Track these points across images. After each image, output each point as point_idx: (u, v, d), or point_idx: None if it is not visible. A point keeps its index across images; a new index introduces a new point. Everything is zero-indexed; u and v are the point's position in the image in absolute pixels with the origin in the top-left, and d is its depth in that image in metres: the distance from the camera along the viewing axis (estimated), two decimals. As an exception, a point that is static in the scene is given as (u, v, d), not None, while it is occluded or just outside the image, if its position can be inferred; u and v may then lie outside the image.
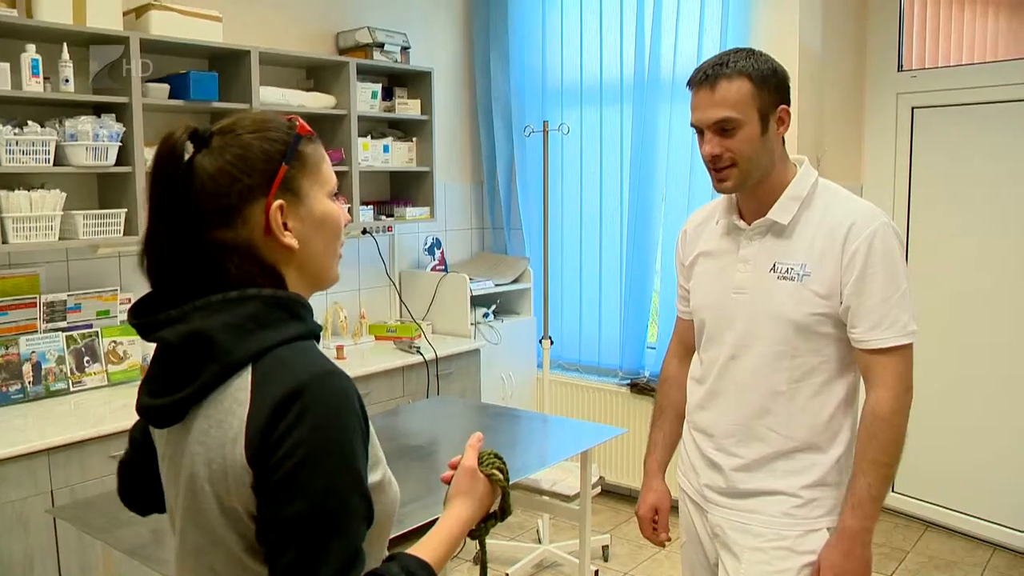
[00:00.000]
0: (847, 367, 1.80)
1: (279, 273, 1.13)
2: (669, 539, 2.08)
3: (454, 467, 1.34)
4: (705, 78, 1.75)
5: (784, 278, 1.78)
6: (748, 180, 1.78)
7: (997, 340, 3.90)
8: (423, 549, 1.18)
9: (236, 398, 1.04)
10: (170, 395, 1.08)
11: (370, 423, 1.11)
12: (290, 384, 1.02)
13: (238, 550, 1.06)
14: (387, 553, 1.20)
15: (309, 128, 1.15)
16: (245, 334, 1.05)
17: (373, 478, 1.10)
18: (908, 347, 1.73)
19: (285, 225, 1.11)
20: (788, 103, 1.79)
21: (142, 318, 1.11)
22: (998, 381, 3.92)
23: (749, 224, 1.84)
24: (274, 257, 1.12)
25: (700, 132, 1.80)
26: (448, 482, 1.33)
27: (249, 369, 1.05)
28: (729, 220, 1.89)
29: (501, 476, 1.32)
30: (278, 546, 1.00)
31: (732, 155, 1.75)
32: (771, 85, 1.74)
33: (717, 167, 1.78)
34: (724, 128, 1.74)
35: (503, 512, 1.35)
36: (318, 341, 1.16)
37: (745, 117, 1.73)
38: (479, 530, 1.33)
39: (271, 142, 1.11)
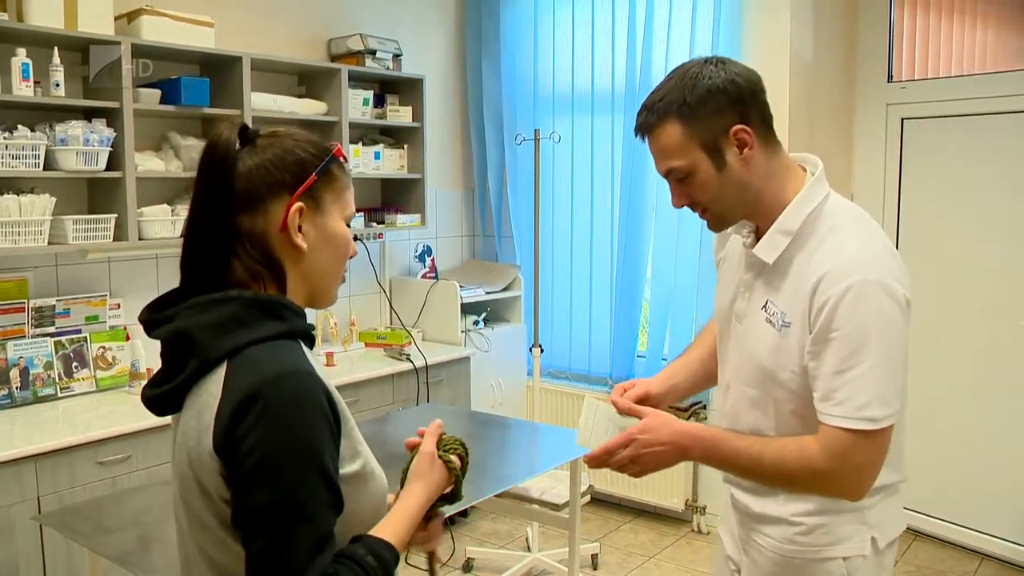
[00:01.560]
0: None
1: (283, 271, 1.23)
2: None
3: (410, 447, 1.39)
4: (637, 129, 1.57)
5: (769, 322, 1.55)
6: (731, 218, 1.59)
7: (986, 349, 3.92)
8: (384, 530, 1.23)
9: (211, 392, 1.14)
10: (161, 386, 1.20)
11: (344, 418, 1.18)
12: (253, 382, 1.10)
13: (220, 531, 1.14)
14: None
15: (345, 156, 1.28)
16: (223, 332, 1.15)
17: (351, 468, 1.19)
18: (860, 435, 1.42)
19: (300, 228, 1.22)
20: (748, 118, 1.50)
21: (152, 315, 1.22)
22: (987, 391, 3.93)
23: (752, 250, 1.60)
24: (282, 255, 1.22)
25: None
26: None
27: (224, 365, 1.14)
28: (741, 236, 1.67)
29: (457, 462, 1.37)
30: (250, 534, 1.09)
31: (697, 202, 1.56)
32: (708, 111, 1.48)
33: (695, 213, 1.60)
34: (678, 178, 1.54)
35: (453, 495, 1.39)
36: (309, 340, 1.24)
37: (688, 161, 1.50)
38: (430, 510, 1.36)
39: (309, 153, 1.24)
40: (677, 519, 4.44)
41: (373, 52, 4.19)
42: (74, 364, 3.34)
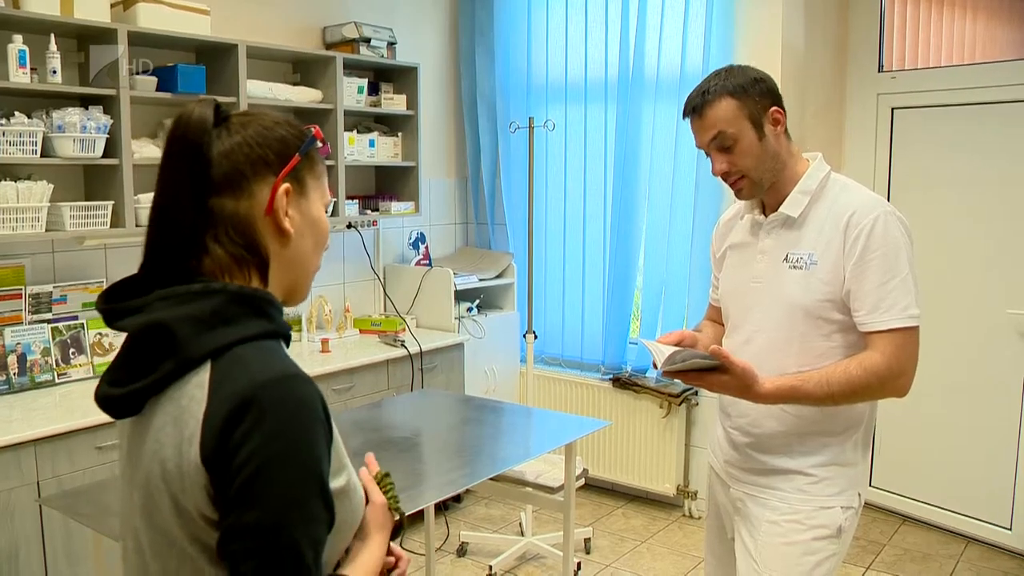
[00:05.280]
0: (859, 352, 1.86)
1: (267, 258, 1.14)
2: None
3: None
4: (693, 109, 1.90)
5: (795, 267, 1.89)
6: (762, 185, 1.91)
7: (973, 337, 3.98)
8: (357, 570, 1.17)
9: (193, 396, 1.02)
10: (126, 385, 1.07)
11: (334, 429, 1.10)
12: (247, 387, 1.00)
13: (192, 551, 1.04)
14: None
15: (324, 138, 1.21)
16: (206, 329, 1.04)
17: (337, 483, 1.09)
18: (909, 331, 1.81)
19: (286, 212, 1.14)
20: (779, 104, 1.90)
21: (111, 304, 1.11)
22: (973, 376, 3.99)
23: (767, 218, 1.97)
24: (266, 240, 1.13)
25: (708, 154, 1.93)
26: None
27: (208, 366, 1.03)
28: (752, 215, 2.02)
29: (403, 509, 1.34)
30: (240, 555, 0.98)
31: (739, 168, 1.88)
32: (754, 93, 1.86)
33: (729, 181, 1.92)
34: (723, 145, 1.87)
35: (397, 531, 1.34)
36: (288, 342, 1.14)
37: (738, 129, 1.85)
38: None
39: (289, 132, 1.16)
40: (669, 504, 4.50)
41: (368, 40, 4.20)
42: (71, 350, 3.36)
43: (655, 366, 1.87)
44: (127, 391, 1.06)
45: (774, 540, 1.93)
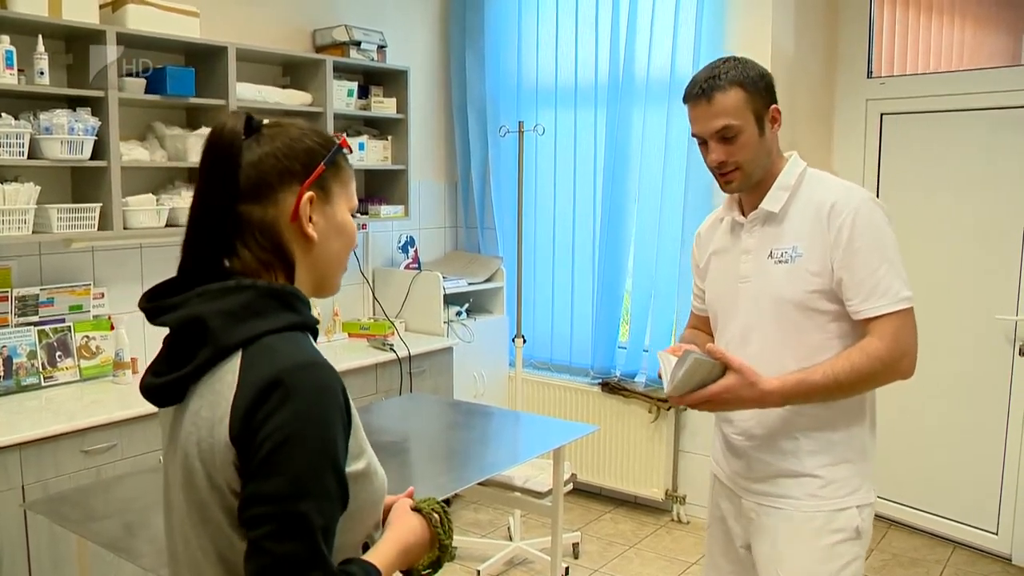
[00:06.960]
0: (856, 342, 1.85)
1: (292, 261, 1.22)
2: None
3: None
4: (701, 92, 1.87)
5: (780, 262, 1.90)
6: (752, 179, 1.91)
7: (961, 342, 3.99)
8: (375, 556, 1.22)
9: (225, 381, 1.11)
10: (168, 375, 1.17)
11: (354, 415, 1.18)
12: (274, 371, 1.09)
13: (225, 526, 1.12)
14: (381, 531, 1.29)
15: (350, 146, 1.27)
16: (237, 321, 1.13)
17: (357, 467, 1.17)
18: (904, 313, 1.83)
19: (310, 218, 1.21)
20: (776, 102, 1.92)
21: (153, 303, 1.20)
22: (960, 381, 4.00)
23: (747, 217, 1.97)
24: (292, 244, 1.22)
25: (703, 142, 1.91)
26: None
27: (239, 354, 1.13)
28: (731, 217, 2.03)
29: (437, 518, 1.37)
30: (256, 520, 1.06)
31: (736, 160, 1.88)
32: (761, 89, 1.88)
33: (723, 172, 1.91)
34: (726, 136, 1.86)
35: (438, 560, 1.38)
36: (315, 334, 1.23)
37: (743, 122, 1.85)
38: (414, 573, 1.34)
39: (316, 143, 1.24)
40: (657, 509, 4.50)
41: (358, 43, 4.20)
42: (58, 353, 3.34)
43: (660, 376, 1.85)
44: (168, 380, 1.16)
45: (796, 548, 1.91)
